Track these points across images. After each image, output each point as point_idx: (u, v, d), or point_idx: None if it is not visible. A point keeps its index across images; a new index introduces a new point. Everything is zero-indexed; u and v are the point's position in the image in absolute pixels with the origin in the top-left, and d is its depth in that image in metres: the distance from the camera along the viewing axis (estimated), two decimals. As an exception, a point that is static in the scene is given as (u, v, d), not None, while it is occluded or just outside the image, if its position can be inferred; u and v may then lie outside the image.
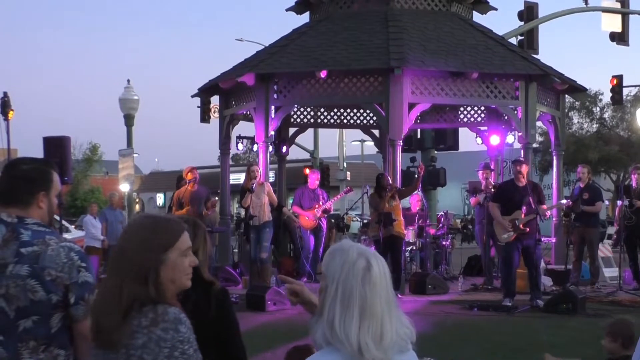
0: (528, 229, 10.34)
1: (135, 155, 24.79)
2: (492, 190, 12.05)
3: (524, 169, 10.71)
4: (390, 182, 11.65)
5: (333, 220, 18.37)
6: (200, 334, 2.67)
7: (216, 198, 14.51)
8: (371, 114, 15.54)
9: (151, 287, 2.29)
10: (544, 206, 10.79)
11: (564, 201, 11.64)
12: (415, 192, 13.09)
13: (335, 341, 2.07)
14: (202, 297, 2.98)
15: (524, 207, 10.37)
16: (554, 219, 13.41)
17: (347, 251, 2.17)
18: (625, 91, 23.43)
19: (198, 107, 16.79)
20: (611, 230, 22.51)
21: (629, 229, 12.03)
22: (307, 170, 23.21)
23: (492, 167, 13.87)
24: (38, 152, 11.27)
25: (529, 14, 19.29)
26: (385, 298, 2.12)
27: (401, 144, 12.39)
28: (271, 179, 14.65)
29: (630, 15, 20.46)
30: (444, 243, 13.96)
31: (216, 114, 15.74)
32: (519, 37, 19.39)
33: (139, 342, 2.25)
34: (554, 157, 14.55)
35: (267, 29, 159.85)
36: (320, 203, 13.40)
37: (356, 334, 2.06)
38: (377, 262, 2.16)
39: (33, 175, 2.82)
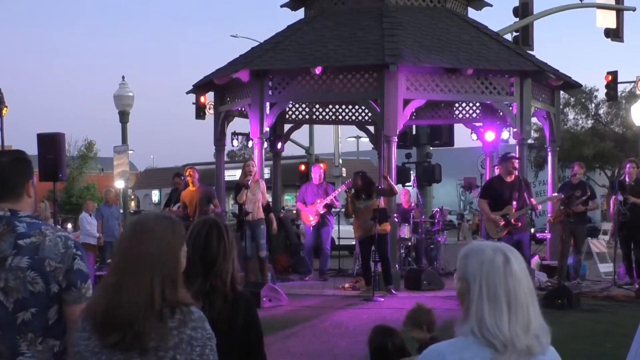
0: (520, 224, 10.35)
1: (130, 152, 24.76)
2: None
3: (517, 164, 10.73)
4: (359, 184, 11.54)
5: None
6: (226, 343, 2.67)
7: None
8: (366, 110, 15.53)
9: (180, 289, 2.34)
10: (533, 200, 10.80)
11: (555, 194, 11.64)
12: (410, 187, 12.96)
13: (486, 336, 2.15)
14: (231, 306, 2.97)
15: (514, 202, 10.37)
16: (548, 215, 13.41)
17: (482, 250, 2.24)
18: (620, 87, 23.40)
19: (193, 103, 16.80)
20: (606, 226, 22.55)
21: (623, 225, 12.04)
22: (303, 167, 23.13)
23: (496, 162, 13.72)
24: (32, 149, 11.22)
25: (524, 10, 19.31)
26: (528, 287, 2.21)
27: (396, 140, 12.38)
28: (266, 176, 14.63)
29: (625, 12, 20.48)
30: (439, 239, 13.97)
31: (211, 111, 15.73)
32: (514, 34, 19.42)
33: (170, 344, 2.27)
34: (549, 153, 14.56)
35: (262, 26, 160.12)
36: (323, 198, 13.29)
37: (507, 326, 2.14)
38: (513, 255, 2.23)
39: (19, 167, 2.85)
